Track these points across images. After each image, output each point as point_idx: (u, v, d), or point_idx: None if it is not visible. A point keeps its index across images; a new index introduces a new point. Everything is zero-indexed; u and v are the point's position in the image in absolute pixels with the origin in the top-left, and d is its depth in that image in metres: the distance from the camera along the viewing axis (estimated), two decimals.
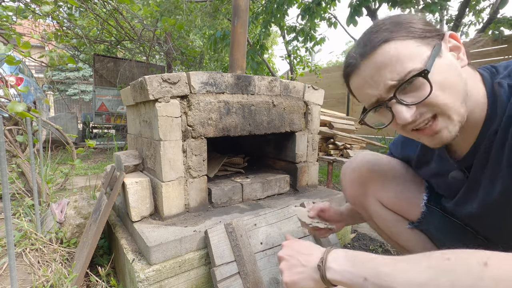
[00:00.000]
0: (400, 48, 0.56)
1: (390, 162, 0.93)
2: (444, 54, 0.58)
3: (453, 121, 0.57)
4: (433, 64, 0.55)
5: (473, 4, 4.16)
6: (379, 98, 0.60)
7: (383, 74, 0.57)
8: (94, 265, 1.26)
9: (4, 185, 0.81)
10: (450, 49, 0.59)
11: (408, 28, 0.57)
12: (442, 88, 0.55)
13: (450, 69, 0.57)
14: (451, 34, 0.59)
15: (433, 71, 0.55)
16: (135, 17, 4.30)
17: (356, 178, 0.94)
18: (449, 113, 0.56)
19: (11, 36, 2.14)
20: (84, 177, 3.01)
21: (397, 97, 0.57)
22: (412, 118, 0.58)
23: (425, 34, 0.57)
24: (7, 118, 2.06)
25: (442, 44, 0.58)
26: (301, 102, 1.53)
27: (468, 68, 0.61)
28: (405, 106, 0.57)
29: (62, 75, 14.00)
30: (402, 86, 0.56)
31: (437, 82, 0.55)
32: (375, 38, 0.58)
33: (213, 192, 1.30)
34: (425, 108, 0.57)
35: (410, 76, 0.55)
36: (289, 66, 5.93)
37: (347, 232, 1.57)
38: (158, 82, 1.08)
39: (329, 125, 3.43)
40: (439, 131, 0.58)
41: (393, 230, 0.93)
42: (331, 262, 0.61)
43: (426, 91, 0.55)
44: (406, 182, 0.90)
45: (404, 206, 0.88)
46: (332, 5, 3.81)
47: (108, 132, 6.56)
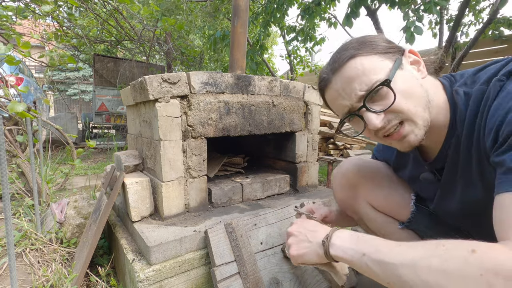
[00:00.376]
0: (365, 62, 0.64)
1: (377, 165, 0.97)
2: (405, 66, 0.65)
3: (418, 125, 0.64)
4: (396, 75, 0.62)
5: (473, 4, 4.16)
6: (351, 108, 0.67)
7: (353, 86, 0.64)
8: (94, 265, 1.26)
9: (4, 185, 0.81)
10: (411, 63, 0.67)
11: (372, 45, 0.65)
12: (405, 96, 0.62)
13: (411, 80, 0.64)
14: (410, 50, 0.67)
15: (396, 81, 0.62)
16: (135, 17, 4.30)
17: (346, 182, 0.98)
18: (413, 118, 0.63)
19: (11, 36, 2.14)
20: (84, 177, 3.01)
21: (366, 105, 0.64)
22: (381, 124, 0.64)
23: (387, 50, 0.65)
24: (7, 118, 2.06)
25: (403, 59, 0.65)
26: (301, 102, 1.54)
27: (429, 78, 0.69)
28: (375, 114, 0.64)
29: (62, 75, 14.00)
30: (370, 95, 0.63)
31: (400, 91, 0.62)
32: (343, 55, 0.66)
33: (213, 192, 1.30)
34: (392, 115, 0.64)
35: (376, 86, 0.62)
36: (289, 66, 5.93)
37: None
38: (158, 82, 1.08)
39: (329, 125, 3.43)
40: (406, 135, 0.65)
41: (384, 231, 0.96)
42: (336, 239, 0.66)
43: (391, 99, 0.62)
44: (394, 184, 0.94)
45: (394, 207, 0.92)
46: (332, 5, 3.81)
47: (108, 132, 6.56)
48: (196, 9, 5.02)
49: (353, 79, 0.64)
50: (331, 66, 0.69)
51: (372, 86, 0.62)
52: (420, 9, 2.61)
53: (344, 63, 0.65)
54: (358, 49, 0.65)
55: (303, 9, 3.81)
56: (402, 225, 0.92)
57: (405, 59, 0.66)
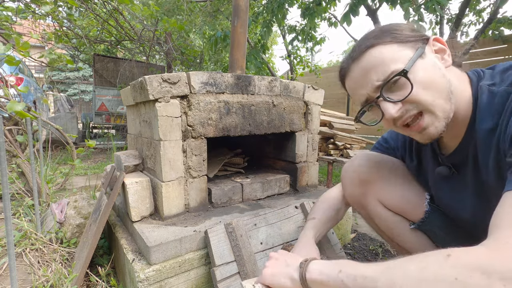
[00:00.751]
0: (384, 51, 0.63)
1: (392, 162, 0.93)
2: (428, 55, 0.63)
3: (438, 117, 0.62)
4: (416, 65, 0.61)
5: (473, 4, 4.16)
6: (368, 97, 0.67)
7: (370, 75, 0.64)
8: (94, 265, 1.26)
9: (4, 185, 0.81)
10: (435, 51, 0.65)
11: (393, 34, 0.64)
12: (425, 86, 0.61)
13: (433, 69, 0.62)
14: (435, 38, 0.65)
15: (416, 71, 0.60)
16: (135, 17, 4.30)
17: (357, 178, 0.93)
18: (433, 110, 0.61)
19: (10, 36, 2.14)
20: (84, 177, 3.01)
21: (383, 95, 0.63)
22: (398, 114, 0.63)
23: (408, 39, 0.63)
24: (7, 118, 2.06)
25: (426, 47, 0.63)
26: (301, 102, 1.53)
27: (455, 69, 0.66)
28: (391, 103, 0.63)
29: (62, 75, 13.99)
30: (387, 85, 0.62)
31: (419, 81, 0.60)
32: (362, 44, 0.66)
33: (213, 192, 1.30)
34: (410, 105, 0.62)
35: (392, 76, 0.61)
36: (289, 66, 5.93)
37: (347, 232, 1.57)
38: (158, 82, 1.08)
39: (329, 125, 3.43)
40: (427, 127, 0.63)
41: (394, 231, 0.93)
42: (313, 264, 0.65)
43: (408, 89, 0.61)
44: (408, 183, 0.90)
45: (407, 207, 0.88)
46: (332, 5, 3.81)
47: (108, 132, 6.56)
48: (196, 9, 5.02)
49: (371, 69, 0.64)
50: (350, 55, 0.69)
51: (389, 76, 0.61)
52: (421, 8, 2.61)
53: (362, 52, 0.65)
54: (378, 37, 0.64)
55: (303, 8, 3.81)
56: (414, 225, 0.89)
57: (428, 47, 0.64)
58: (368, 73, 0.64)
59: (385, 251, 1.48)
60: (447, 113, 0.62)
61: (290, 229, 1.18)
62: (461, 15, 3.29)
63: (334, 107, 6.08)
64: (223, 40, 3.98)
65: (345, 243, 1.55)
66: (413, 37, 0.63)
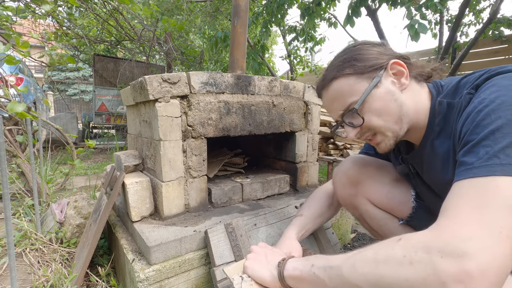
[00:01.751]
0: (343, 85, 0.73)
1: (378, 163, 0.99)
2: (383, 83, 0.71)
3: (388, 137, 0.74)
4: (371, 95, 0.70)
5: (473, 4, 4.16)
6: (336, 120, 0.80)
7: (334, 105, 0.77)
8: (94, 265, 1.26)
9: (4, 185, 0.81)
10: (394, 74, 0.72)
11: (353, 66, 0.72)
12: (377, 113, 0.71)
13: (385, 97, 0.71)
14: (394, 61, 0.71)
15: (370, 101, 0.71)
16: (135, 17, 4.30)
17: (347, 180, 0.99)
18: (384, 132, 0.73)
19: (10, 36, 2.14)
20: (84, 177, 3.01)
21: (345, 121, 0.76)
22: (356, 137, 0.77)
23: (366, 69, 0.71)
24: (7, 118, 2.06)
25: (384, 74, 0.71)
26: (301, 102, 1.54)
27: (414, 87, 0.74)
28: (351, 127, 0.76)
29: (62, 75, 13.99)
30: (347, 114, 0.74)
31: (372, 110, 0.71)
32: (328, 75, 0.77)
33: (213, 192, 1.30)
34: (365, 129, 0.75)
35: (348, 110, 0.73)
36: (289, 66, 5.93)
37: (347, 232, 1.57)
38: (158, 82, 1.08)
39: (329, 125, 3.43)
40: (379, 143, 0.77)
41: (384, 228, 0.97)
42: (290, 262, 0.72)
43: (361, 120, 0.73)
44: (394, 181, 0.95)
45: (394, 204, 0.94)
46: (332, 5, 3.81)
47: (108, 132, 6.56)
48: (196, 9, 5.02)
49: (334, 100, 0.77)
50: (321, 82, 0.80)
51: (347, 108, 0.73)
52: (422, 7, 2.61)
53: (328, 83, 0.77)
54: (340, 69, 0.74)
55: (303, 9, 3.81)
56: (402, 221, 0.93)
57: (386, 73, 0.72)
58: (333, 102, 0.77)
59: None
60: (396, 132, 0.73)
61: None
62: (461, 15, 3.29)
63: None
64: (223, 40, 3.98)
65: (345, 243, 1.55)
66: (372, 67, 0.71)
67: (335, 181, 1.04)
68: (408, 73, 0.72)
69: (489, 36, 4.27)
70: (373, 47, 0.75)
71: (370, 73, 0.71)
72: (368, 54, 0.73)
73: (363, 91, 0.71)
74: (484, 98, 0.57)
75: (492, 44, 4.37)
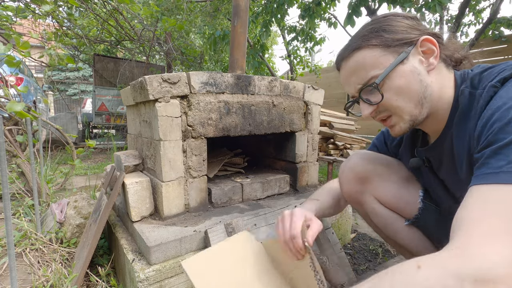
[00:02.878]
0: (367, 56, 0.67)
1: (387, 160, 0.95)
2: (410, 60, 0.65)
3: (404, 120, 0.69)
4: (395, 70, 0.64)
5: (473, 4, 4.16)
6: (352, 95, 0.74)
7: (353, 78, 0.71)
8: (94, 265, 1.26)
9: (4, 185, 0.81)
10: (423, 52, 0.66)
11: (379, 37, 0.66)
12: (397, 92, 0.66)
13: (410, 75, 0.65)
14: (425, 38, 0.65)
15: (392, 77, 0.65)
16: (135, 17, 4.30)
17: (354, 176, 0.95)
18: (400, 114, 0.68)
19: (10, 36, 2.14)
20: (84, 177, 3.01)
21: (362, 97, 0.70)
22: (371, 115, 0.72)
23: (393, 42, 0.65)
24: (7, 118, 2.06)
25: (412, 50, 0.65)
26: (301, 102, 1.53)
27: (442, 70, 0.69)
28: (367, 104, 0.70)
29: (62, 75, 13.99)
30: (365, 89, 0.69)
31: (393, 87, 0.65)
32: (352, 45, 0.70)
33: (213, 192, 1.30)
34: (382, 108, 0.70)
35: (367, 84, 0.67)
36: (289, 66, 5.93)
37: (347, 232, 1.57)
38: (158, 82, 1.08)
39: (329, 125, 3.43)
40: (393, 125, 0.72)
41: (389, 227, 0.95)
42: None
43: (380, 97, 0.67)
44: (402, 180, 0.92)
45: (401, 203, 0.91)
46: (332, 5, 3.81)
47: (108, 132, 6.57)
48: (196, 9, 5.02)
49: (353, 72, 0.70)
50: (343, 52, 0.73)
51: (368, 81, 0.67)
52: (422, 8, 2.61)
53: (350, 53, 0.70)
54: (365, 39, 0.67)
55: (303, 9, 3.81)
56: (408, 221, 0.91)
57: (415, 50, 0.65)
58: (352, 75, 0.71)
59: (385, 251, 1.48)
60: (414, 116, 0.68)
61: None
62: (461, 15, 3.28)
63: (334, 107, 6.08)
64: (222, 39, 3.98)
65: (345, 243, 1.55)
66: (400, 40, 0.65)
67: (341, 176, 1.00)
68: (438, 53, 0.66)
69: (489, 36, 4.27)
70: (404, 19, 0.68)
71: (397, 47, 0.65)
72: (398, 26, 0.66)
73: (387, 66, 0.65)
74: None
75: (492, 44, 4.37)
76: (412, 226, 0.91)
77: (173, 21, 3.61)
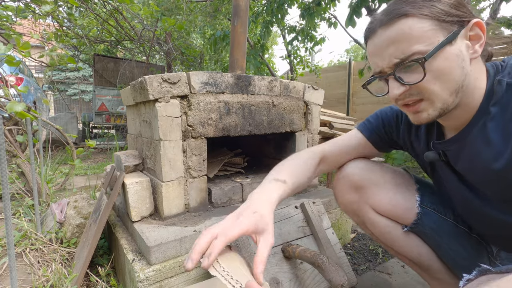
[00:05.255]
0: (415, 27, 0.57)
1: (381, 168, 0.93)
2: (458, 42, 0.58)
3: (435, 107, 0.62)
4: (441, 51, 0.57)
5: (473, 4, 4.16)
6: (382, 70, 0.64)
7: (391, 49, 0.60)
8: (94, 265, 1.26)
9: (4, 185, 0.81)
10: (470, 37, 0.59)
11: (432, 7, 0.57)
12: (438, 76, 0.58)
13: (455, 59, 0.58)
14: (477, 22, 0.59)
15: (436, 58, 0.57)
16: (135, 17, 4.30)
17: (348, 186, 0.93)
18: (433, 100, 0.61)
19: (11, 36, 2.14)
20: (84, 177, 3.01)
21: (396, 74, 0.61)
22: (401, 96, 0.63)
23: (446, 17, 0.57)
24: (7, 118, 2.06)
25: (462, 32, 0.58)
26: (301, 102, 1.53)
27: (479, 60, 0.63)
28: (399, 83, 0.62)
29: (62, 75, 13.99)
30: (402, 65, 0.60)
31: (435, 70, 0.58)
32: (398, 9, 0.59)
33: (213, 192, 1.30)
34: (415, 91, 0.61)
35: (410, 60, 0.58)
36: (289, 66, 5.93)
37: (347, 232, 1.57)
38: (158, 82, 1.08)
39: (329, 125, 3.43)
40: (420, 111, 0.64)
41: (387, 236, 0.93)
42: None
43: (420, 77, 0.58)
44: (398, 187, 0.90)
45: (398, 211, 0.89)
46: (332, 5, 3.81)
47: (108, 132, 6.56)
48: (196, 9, 5.02)
49: (394, 42, 0.59)
50: (382, 16, 0.62)
51: (409, 56, 0.58)
52: None
53: (393, 19, 0.59)
54: (415, 6, 0.58)
55: (303, 9, 3.81)
56: (406, 228, 0.89)
57: (464, 31, 0.59)
58: (390, 45, 0.60)
59: (385, 251, 1.48)
60: (446, 105, 0.61)
61: (290, 229, 1.18)
62: None
63: (334, 107, 6.08)
64: (222, 39, 3.98)
65: (345, 243, 1.55)
66: (453, 17, 0.58)
67: (336, 186, 0.98)
68: (484, 41, 0.60)
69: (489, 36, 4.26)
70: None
71: (449, 24, 0.57)
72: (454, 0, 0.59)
73: (435, 43, 0.57)
74: None
75: None
76: (411, 232, 0.90)
77: (172, 21, 3.61)
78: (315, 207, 1.26)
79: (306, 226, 1.22)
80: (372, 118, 0.94)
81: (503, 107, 0.58)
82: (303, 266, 1.09)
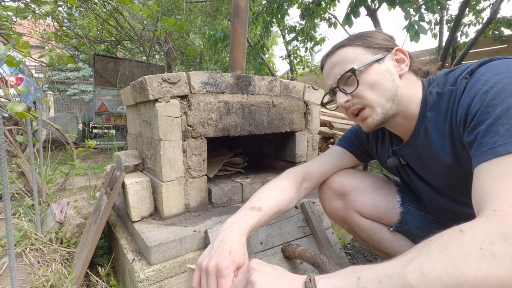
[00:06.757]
0: (350, 52, 0.77)
1: (361, 174, 1.00)
2: (385, 62, 0.75)
3: (376, 112, 0.75)
4: (371, 67, 0.74)
5: (473, 4, 4.16)
6: (331, 87, 0.81)
7: (335, 70, 0.78)
8: (94, 265, 1.26)
9: (4, 185, 0.81)
10: (396, 60, 0.76)
11: (363, 39, 0.77)
12: (371, 86, 0.74)
13: (384, 74, 0.74)
14: (398, 48, 0.77)
15: (368, 72, 0.74)
16: (135, 17, 4.30)
17: (332, 194, 1.00)
18: (373, 106, 0.75)
19: (11, 36, 2.14)
20: (84, 177, 3.01)
21: (339, 86, 0.78)
22: (345, 104, 0.78)
23: (374, 45, 0.76)
24: (7, 118, 2.06)
25: (388, 55, 0.76)
26: (301, 102, 1.53)
27: (411, 77, 0.78)
28: (343, 94, 0.77)
29: (62, 75, 13.99)
30: (343, 79, 0.76)
31: (367, 81, 0.74)
32: (338, 44, 0.80)
33: (213, 192, 1.30)
34: (356, 100, 0.76)
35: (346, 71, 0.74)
36: (289, 66, 5.93)
37: (347, 233, 1.57)
38: (158, 82, 1.08)
39: (329, 125, 3.43)
40: (366, 118, 0.77)
41: (375, 238, 0.97)
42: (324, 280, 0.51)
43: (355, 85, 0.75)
44: (379, 189, 0.96)
45: (381, 211, 0.94)
46: (332, 5, 3.81)
47: (108, 132, 6.56)
48: (196, 9, 5.02)
49: (336, 65, 0.78)
50: (329, 50, 0.83)
51: (346, 72, 0.75)
52: (421, 8, 2.61)
53: (335, 50, 0.80)
54: (350, 40, 0.78)
55: (303, 9, 3.81)
56: (392, 228, 0.94)
57: (390, 55, 0.76)
58: (334, 67, 0.78)
59: None
60: (386, 110, 0.75)
61: (290, 229, 1.18)
62: (461, 15, 3.28)
63: None
64: (223, 40, 3.98)
65: (345, 243, 1.55)
66: (379, 45, 0.76)
67: (321, 196, 1.05)
68: (409, 62, 0.77)
69: (489, 36, 4.27)
70: (384, 34, 0.81)
71: (376, 49, 0.76)
72: (379, 36, 0.79)
73: (365, 60, 0.74)
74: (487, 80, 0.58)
75: (492, 44, 4.37)
76: (397, 232, 0.95)
77: (173, 21, 3.61)
78: (315, 207, 1.26)
79: (306, 226, 1.22)
80: (347, 133, 1.06)
81: (437, 111, 0.71)
82: (303, 266, 1.09)
